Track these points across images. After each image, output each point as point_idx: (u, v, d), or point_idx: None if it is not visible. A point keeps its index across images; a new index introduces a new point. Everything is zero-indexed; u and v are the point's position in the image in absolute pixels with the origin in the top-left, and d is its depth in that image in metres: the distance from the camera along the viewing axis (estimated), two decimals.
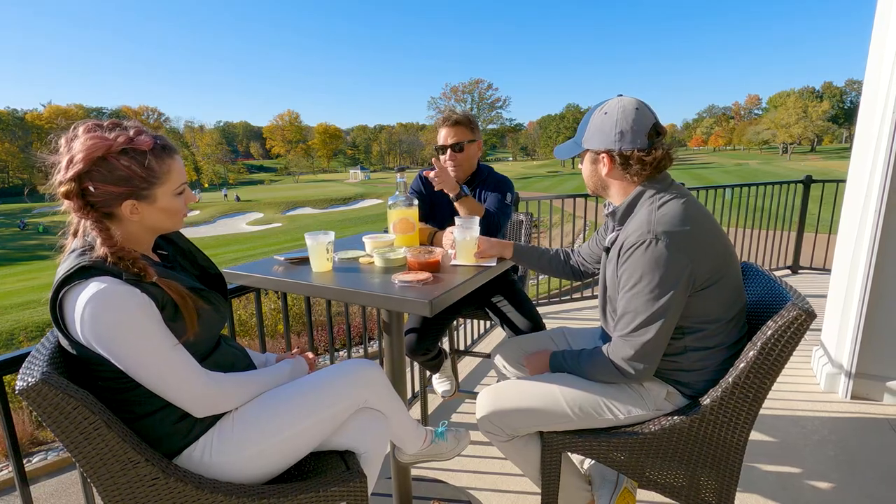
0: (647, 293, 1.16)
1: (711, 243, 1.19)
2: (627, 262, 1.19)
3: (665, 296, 1.14)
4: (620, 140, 1.23)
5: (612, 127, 1.24)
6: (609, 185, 1.33)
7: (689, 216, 1.18)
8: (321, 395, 1.20)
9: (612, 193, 1.34)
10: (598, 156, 1.29)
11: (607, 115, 1.25)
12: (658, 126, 1.25)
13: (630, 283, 1.19)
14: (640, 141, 1.23)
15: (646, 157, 1.22)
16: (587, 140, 1.31)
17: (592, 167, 1.33)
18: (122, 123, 1.04)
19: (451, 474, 2.08)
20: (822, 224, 4.80)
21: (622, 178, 1.28)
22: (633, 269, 1.17)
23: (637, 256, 1.16)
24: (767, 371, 1.12)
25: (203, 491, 0.99)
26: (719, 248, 1.20)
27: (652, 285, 1.15)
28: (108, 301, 0.94)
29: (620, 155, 1.24)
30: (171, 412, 1.05)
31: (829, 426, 2.34)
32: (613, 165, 1.27)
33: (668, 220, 1.16)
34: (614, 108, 1.25)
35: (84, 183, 0.99)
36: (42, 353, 0.98)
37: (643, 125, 1.23)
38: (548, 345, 1.65)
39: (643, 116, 1.23)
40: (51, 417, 0.85)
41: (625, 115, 1.23)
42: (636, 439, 1.27)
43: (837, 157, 68.33)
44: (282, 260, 1.62)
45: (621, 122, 1.23)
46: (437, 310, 1.22)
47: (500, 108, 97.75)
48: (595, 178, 1.34)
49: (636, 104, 1.24)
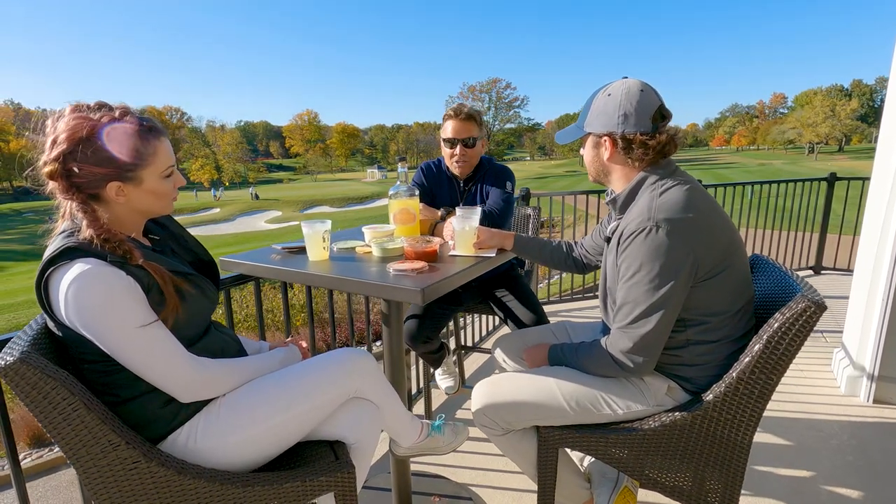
0: (646, 283, 1.11)
1: (715, 232, 1.13)
2: (627, 250, 1.14)
3: (665, 286, 1.09)
4: (624, 123, 1.18)
5: (616, 109, 1.19)
6: (611, 170, 1.27)
7: (692, 203, 1.12)
8: (311, 382, 1.18)
9: (614, 180, 1.29)
10: (601, 139, 1.24)
11: (611, 97, 1.20)
12: (664, 109, 1.20)
13: (629, 272, 1.14)
14: (644, 124, 1.18)
15: (649, 142, 1.17)
16: (589, 123, 1.26)
17: (594, 152, 1.28)
18: (109, 105, 1.03)
19: (453, 470, 2.05)
20: (847, 225, 4.63)
21: (624, 163, 1.23)
22: (632, 258, 1.13)
23: (637, 244, 1.11)
24: (774, 366, 1.06)
25: (185, 476, 0.97)
26: (724, 238, 1.14)
27: (652, 275, 1.10)
28: (91, 282, 0.93)
29: (623, 138, 1.19)
30: (156, 396, 1.04)
31: (849, 431, 2.24)
32: (616, 150, 1.22)
33: (669, 206, 1.11)
34: (618, 89, 1.20)
35: (68, 164, 0.98)
36: (28, 334, 0.97)
37: (648, 108, 1.18)
38: (549, 338, 1.60)
39: (648, 98, 1.18)
40: (29, 397, 0.84)
41: (629, 97, 1.18)
42: (635, 436, 1.22)
43: (867, 156, 66.24)
44: (279, 249, 1.61)
45: (625, 104, 1.18)
46: (430, 298, 1.19)
47: (518, 107, 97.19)
48: (597, 163, 1.29)
49: (641, 86, 1.19)
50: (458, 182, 2.16)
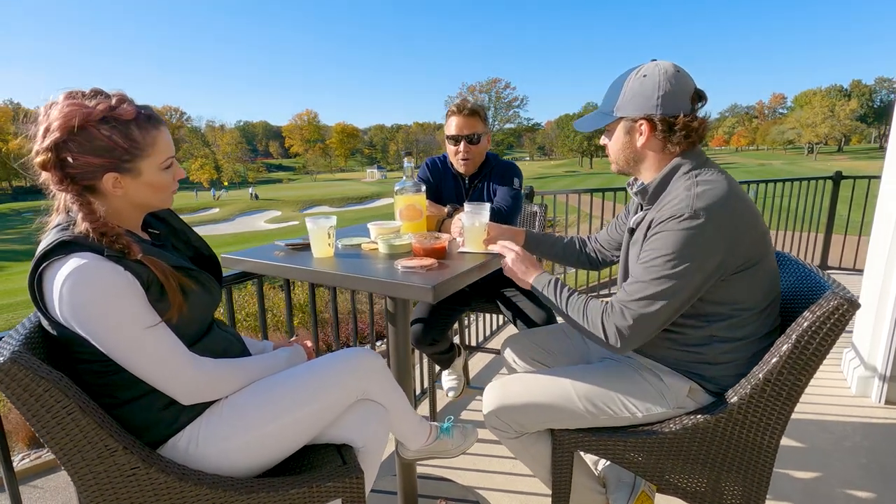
0: (667, 268, 1.04)
1: (751, 226, 1.08)
2: (656, 235, 1.07)
3: (685, 275, 1.03)
4: (663, 104, 1.12)
5: (654, 90, 1.12)
6: (643, 157, 1.20)
7: (733, 195, 1.07)
8: (317, 383, 1.13)
9: (645, 168, 1.22)
10: (635, 124, 1.16)
11: (647, 78, 1.13)
12: (699, 90, 1.15)
13: (653, 254, 1.07)
14: (685, 105, 1.12)
15: (692, 123, 1.12)
16: (621, 107, 1.18)
17: (626, 138, 1.20)
18: (105, 91, 0.98)
19: (459, 473, 2.00)
20: (852, 225, 4.59)
21: (660, 149, 1.17)
22: (660, 241, 1.06)
23: (669, 229, 1.05)
24: (803, 367, 1.01)
25: (186, 483, 0.93)
26: (757, 233, 1.09)
27: (675, 261, 1.04)
28: (87, 278, 0.88)
29: (663, 120, 1.12)
30: (156, 399, 0.99)
31: (861, 432, 2.20)
32: (653, 134, 1.15)
33: (709, 195, 1.05)
34: (654, 70, 1.13)
35: (62, 153, 0.93)
36: (20, 332, 0.92)
37: (687, 88, 1.13)
38: (561, 338, 1.56)
39: (686, 79, 1.13)
40: (20, 399, 0.79)
41: (667, 77, 1.12)
42: (655, 439, 1.17)
43: (866, 157, 66.37)
44: (283, 245, 1.57)
45: (664, 84, 1.11)
46: (441, 296, 1.15)
47: (518, 107, 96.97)
48: (628, 150, 1.21)
49: (676, 67, 1.14)
50: (463, 178, 2.11)
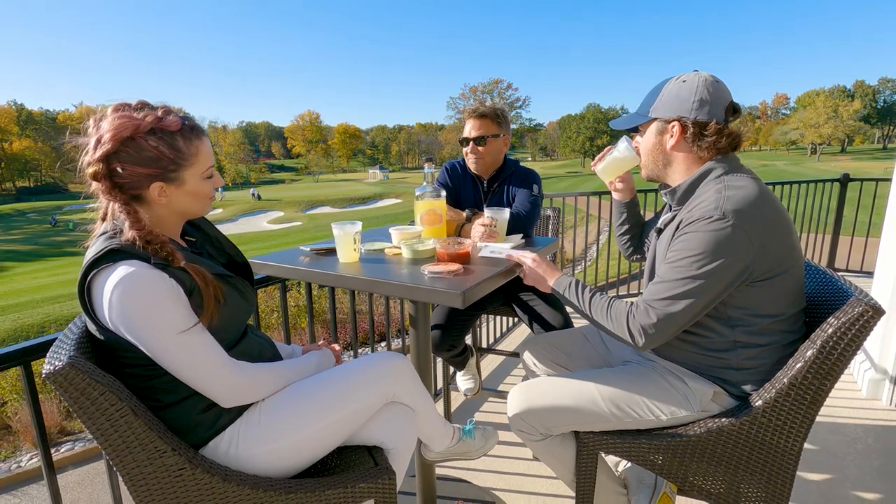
0: (694, 268, 1.07)
1: (784, 234, 1.10)
2: (685, 235, 1.10)
3: (711, 277, 1.06)
4: (699, 108, 1.16)
5: (692, 94, 1.17)
6: (672, 160, 1.24)
7: (765, 201, 1.09)
8: (349, 387, 1.16)
9: (673, 171, 1.25)
10: (668, 125, 1.21)
11: (686, 83, 1.18)
12: (735, 104, 1.19)
13: (679, 255, 1.10)
14: (718, 114, 1.16)
15: (723, 131, 1.16)
16: (657, 109, 1.22)
17: (657, 139, 1.24)
18: (150, 104, 1.01)
19: (476, 474, 2.03)
20: (859, 227, 4.59)
21: (689, 151, 1.20)
22: (688, 242, 1.08)
23: (697, 230, 1.07)
24: (828, 372, 1.03)
25: (229, 483, 0.96)
26: (787, 242, 1.11)
27: (703, 262, 1.06)
28: (136, 285, 0.91)
29: (695, 124, 1.16)
30: (197, 401, 1.02)
31: (874, 434, 2.21)
32: (684, 136, 1.19)
33: (739, 199, 1.07)
34: (693, 77, 1.19)
35: (112, 164, 0.96)
36: (70, 337, 0.96)
37: (723, 98, 1.17)
38: (581, 342, 1.58)
39: (723, 90, 1.18)
40: (77, 403, 0.82)
41: (706, 85, 1.17)
42: (679, 441, 1.19)
43: (869, 157, 66.19)
44: (308, 250, 1.59)
45: (702, 90, 1.16)
46: (470, 301, 1.17)
47: (520, 108, 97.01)
48: (657, 151, 1.25)
49: (715, 78, 1.19)
50: (482, 183, 2.14)
